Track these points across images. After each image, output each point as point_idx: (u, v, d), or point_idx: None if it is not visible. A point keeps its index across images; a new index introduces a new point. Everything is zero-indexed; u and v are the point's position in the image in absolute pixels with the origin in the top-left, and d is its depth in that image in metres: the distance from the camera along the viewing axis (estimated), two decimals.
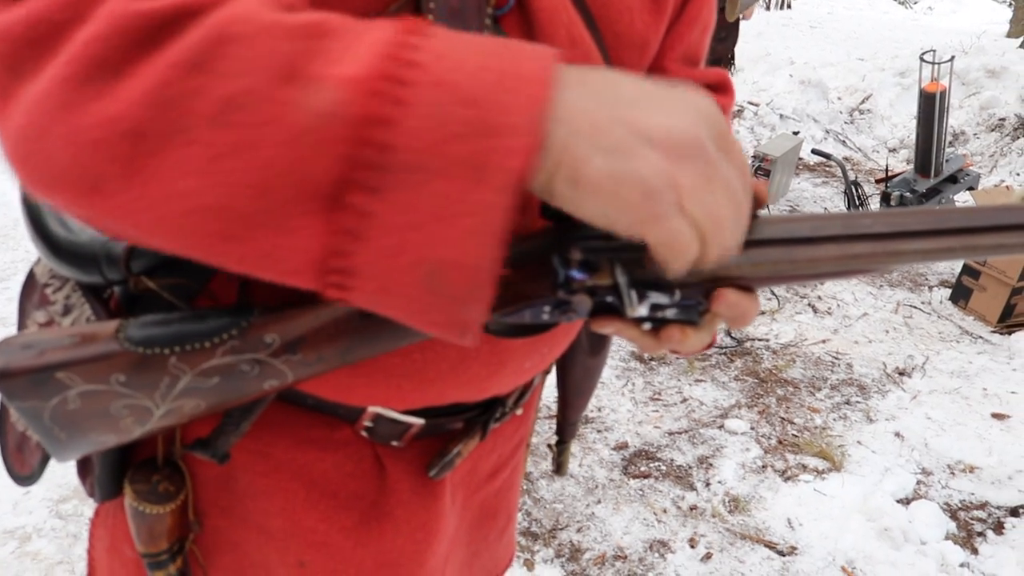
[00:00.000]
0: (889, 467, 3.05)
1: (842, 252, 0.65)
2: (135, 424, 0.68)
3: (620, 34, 0.81)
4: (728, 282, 0.66)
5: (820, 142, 6.60)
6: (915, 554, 2.63)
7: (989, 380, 3.68)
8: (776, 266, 0.65)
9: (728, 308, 0.66)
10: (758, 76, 7.58)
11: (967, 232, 0.64)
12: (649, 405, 3.36)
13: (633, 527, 2.71)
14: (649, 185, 0.53)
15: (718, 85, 0.98)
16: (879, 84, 7.30)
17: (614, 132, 0.54)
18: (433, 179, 0.50)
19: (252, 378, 0.67)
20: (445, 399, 0.86)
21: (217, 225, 0.51)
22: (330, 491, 0.89)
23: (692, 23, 0.91)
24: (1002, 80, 7.07)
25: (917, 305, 4.37)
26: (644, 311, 0.65)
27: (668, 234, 0.55)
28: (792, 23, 10.27)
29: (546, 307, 0.67)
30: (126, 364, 0.65)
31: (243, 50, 0.49)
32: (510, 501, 1.16)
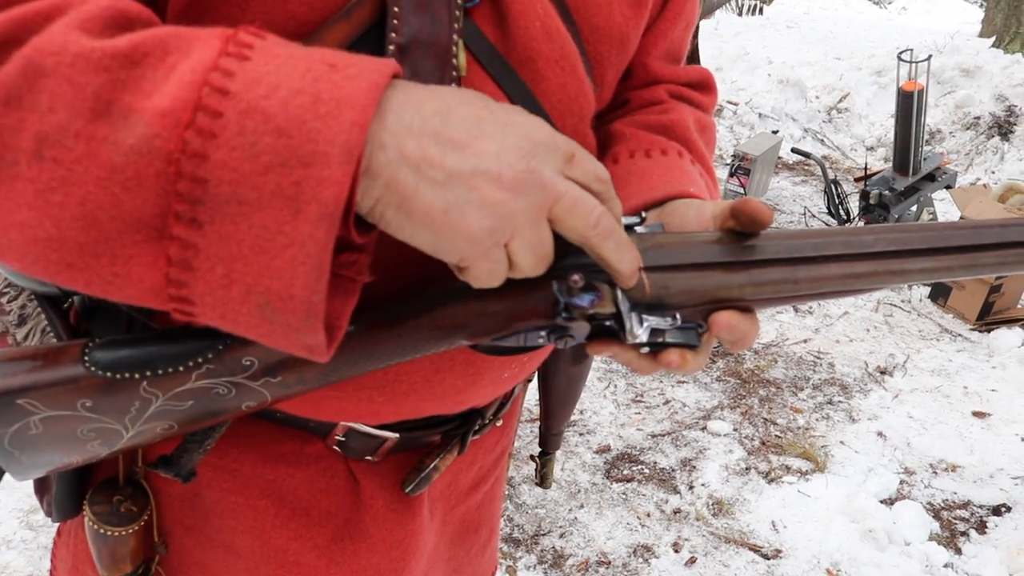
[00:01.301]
0: (872, 467, 3.03)
1: (844, 271, 0.64)
2: (102, 446, 0.64)
3: (598, 28, 0.78)
4: (729, 304, 0.64)
5: (799, 141, 6.61)
6: (899, 555, 2.62)
7: (969, 378, 3.69)
8: (778, 286, 0.64)
9: (729, 332, 0.64)
10: (736, 76, 7.58)
11: (970, 250, 0.63)
12: (631, 407, 3.33)
13: (616, 532, 2.68)
14: (483, 224, 0.53)
15: (701, 83, 0.95)
16: (856, 83, 7.32)
17: (447, 161, 0.53)
18: (251, 211, 0.49)
19: (228, 399, 0.63)
20: (420, 412, 0.82)
21: (57, 254, 0.51)
22: (301, 508, 0.85)
23: (675, 19, 0.89)
24: (976, 79, 7.12)
25: (897, 303, 4.37)
26: (644, 336, 0.63)
27: (488, 271, 0.56)
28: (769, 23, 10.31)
29: (542, 332, 0.65)
30: (93, 389, 0.61)
31: (54, 84, 0.49)
32: (492, 514, 1.13)
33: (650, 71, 0.91)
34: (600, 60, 0.80)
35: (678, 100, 0.92)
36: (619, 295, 0.62)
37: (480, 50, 0.70)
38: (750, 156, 5.11)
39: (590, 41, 0.78)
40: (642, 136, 0.86)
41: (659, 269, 0.64)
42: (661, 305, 0.63)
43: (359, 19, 0.64)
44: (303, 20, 0.63)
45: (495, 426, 1.00)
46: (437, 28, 0.66)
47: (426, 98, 0.54)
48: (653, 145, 0.84)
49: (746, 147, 5.26)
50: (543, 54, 0.73)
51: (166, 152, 0.48)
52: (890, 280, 0.64)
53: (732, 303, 0.64)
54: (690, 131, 0.88)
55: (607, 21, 0.78)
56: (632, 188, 0.79)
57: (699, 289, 0.64)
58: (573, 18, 0.76)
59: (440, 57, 0.66)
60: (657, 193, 0.78)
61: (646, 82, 0.92)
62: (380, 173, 0.52)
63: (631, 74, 0.91)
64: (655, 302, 0.63)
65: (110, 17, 0.52)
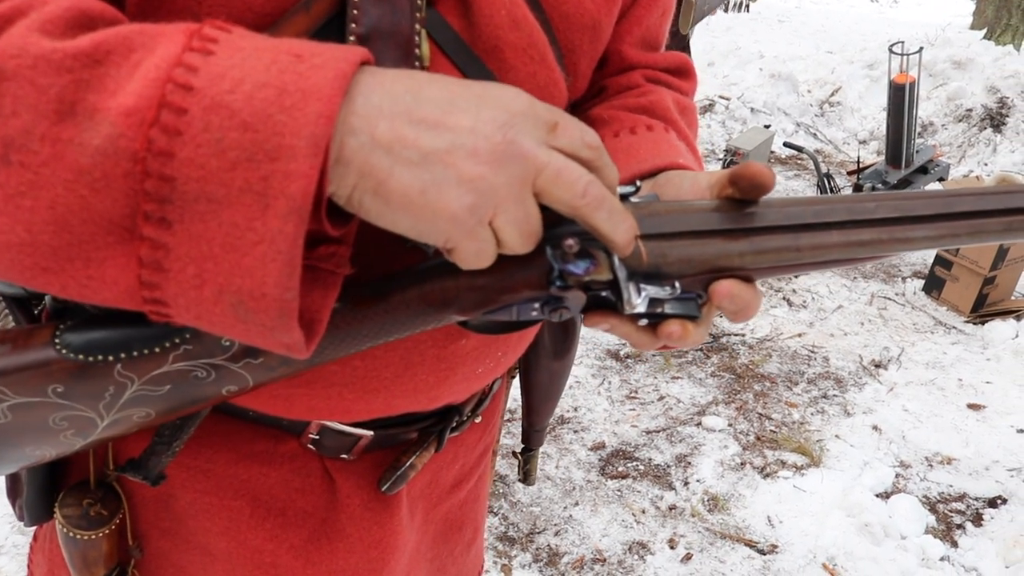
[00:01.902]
0: (868, 461, 3.02)
1: (848, 239, 0.62)
2: (76, 436, 0.62)
3: (568, 15, 0.76)
4: (729, 273, 0.62)
5: (791, 135, 6.61)
6: (896, 549, 2.61)
7: (964, 370, 3.68)
8: (781, 254, 0.62)
9: (730, 301, 0.62)
10: (728, 70, 7.57)
11: (975, 216, 0.62)
12: (626, 404, 3.31)
13: (611, 529, 2.67)
14: (463, 202, 0.51)
15: (679, 69, 0.94)
16: (848, 76, 7.32)
17: (421, 141, 0.51)
18: (221, 209, 0.48)
19: (208, 384, 0.61)
20: (394, 409, 0.80)
21: (31, 259, 0.50)
22: (277, 508, 0.84)
23: (651, 6, 0.87)
24: (968, 71, 7.12)
25: (891, 296, 4.36)
26: (642, 307, 0.61)
27: (476, 251, 0.54)
28: (761, 18, 10.30)
29: (535, 304, 0.62)
30: (64, 373, 0.58)
31: (16, 87, 0.48)
32: (477, 512, 1.11)
33: (625, 58, 0.89)
34: (572, 48, 0.78)
35: (655, 84, 0.90)
36: (616, 262, 0.60)
37: (444, 40, 0.69)
38: (742, 151, 5.10)
39: (560, 29, 0.76)
40: (624, 116, 0.84)
41: (656, 237, 0.61)
42: (659, 274, 0.61)
43: (318, 11, 0.63)
44: (261, 12, 0.62)
45: (475, 423, 0.98)
46: (398, 18, 0.64)
47: (396, 78, 0.52)
48: (637, 123, 0.82)
49: (738, 142, 5.25)
50: (510, 43, 0.71)
51: (132, 152, 0.47)
52: (894, 247, 0.62)
53: (733, 272, 0.62)
54: (671, 111, 0.86)
55: (577, 8, 0.77)
56: (620, 164, 0.77)
57: (699, 257, 0.61)
58: (542, 6, 0.74)
59: (402, 47, 0.65)
60: (646, 165, 0.76)
61: (621, 69, 0.90)
62: (352, 159, 0.50)
63: (606, 62, 0.90)
64: (653, 271, 0.61)
65: (72, 17, 0.51)
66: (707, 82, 7.26)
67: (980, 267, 4.03)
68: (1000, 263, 4.01)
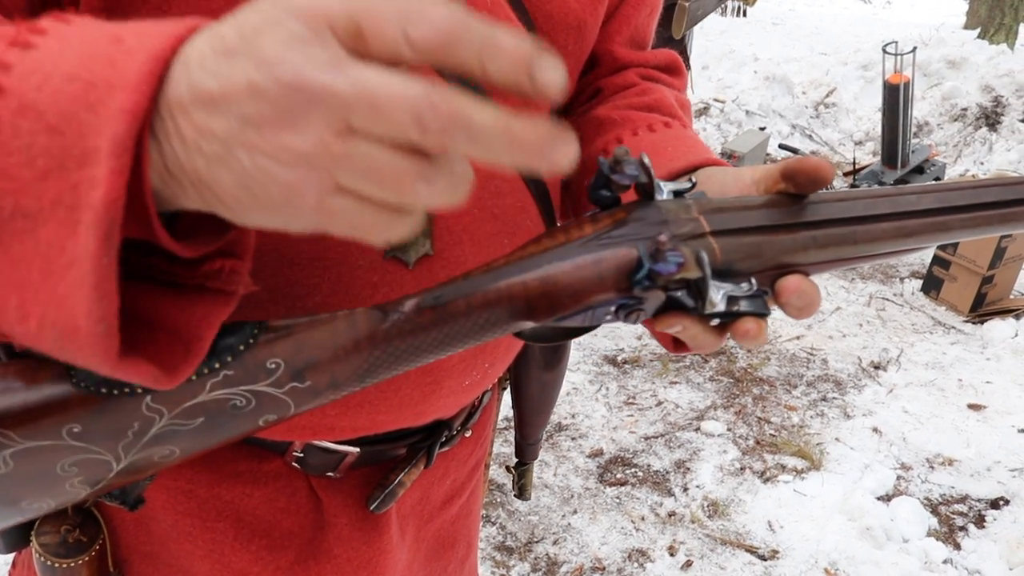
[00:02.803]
0: (868, 464, 3.00)
1: (897, 228, 0.64)
2: (84, 484, 0.54)
3: (552, 15, 0.75)
4: (793, 267, 0.62)
5: (787, 137, 6.60)
6: (898, 552, 2.58)
7: (964, 371, 3.66)
8: (840, 247, 0.63)
9: (798, 297, 0.61)
10: (723, 73, 7.57)
11: (1003, 205, 0.66)
12: (624, 410, 3.29)
13: (611, 537, 2.64)
14: (283, 180, 0.40)
15: (670, 66, 0.93)
16: (842, 78, 7.31)
17: (214, 126, 0.41)
18: (36, 226, 0.41)
19: (245, 414, 0.54)
20: (379, 426, 0.78)
21: None
22: (261, 529, 0.82)
23: (639, 5, 0.86)
24: (962, 71, 7.11)
25: (889, 297, 4.35)
26: (722, 305, 0.59)
27: (350, 224, 0.42)
28: (755, 20, 10.30)
29: (611, 307, 0.58)
30: (83, 410, 0.51)
31: None
32: (470, 528, 1.09)
33: (618, 58, 0.88)
34: (557, 50, 0.77)
35: (652, 82, 0.89)
36: (704, 258, 0.58)
37: None
38: (738, 154, 5.09)
39: (544, 31, 0.75)
40: (635, 116, 0.83)
41: (725, 233, 0.60)
42: (731, 271, 0.60)
43: None
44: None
45: (465, 437, 0.96)
46: None
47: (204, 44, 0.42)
48: (653, 121, 0.81)
49: (734, 145, 5.24)
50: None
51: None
52: (936, 236, 0.65)
53: (796, 267, 0.62)
54: (675, 108, 0.85)
55: (561, 8, 0.75)
56: (652, 160, 0.74)
57: (767, 253, 0.61)
58: (524, 7, 0.73)
59: None
60: (681, 162, 0.74)
61: (614, 69, 0.89)
62: (173, 165, 0.42)
63: (599, 63, 0.89)
64: (725, 268, 0.60)
65: None
66: (702, 85, 7.25)
67: (978, 266, 4.02)
68: (998, 262, 4.00)
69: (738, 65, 7.64)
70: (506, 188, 0.75)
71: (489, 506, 2.72)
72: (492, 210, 0.74)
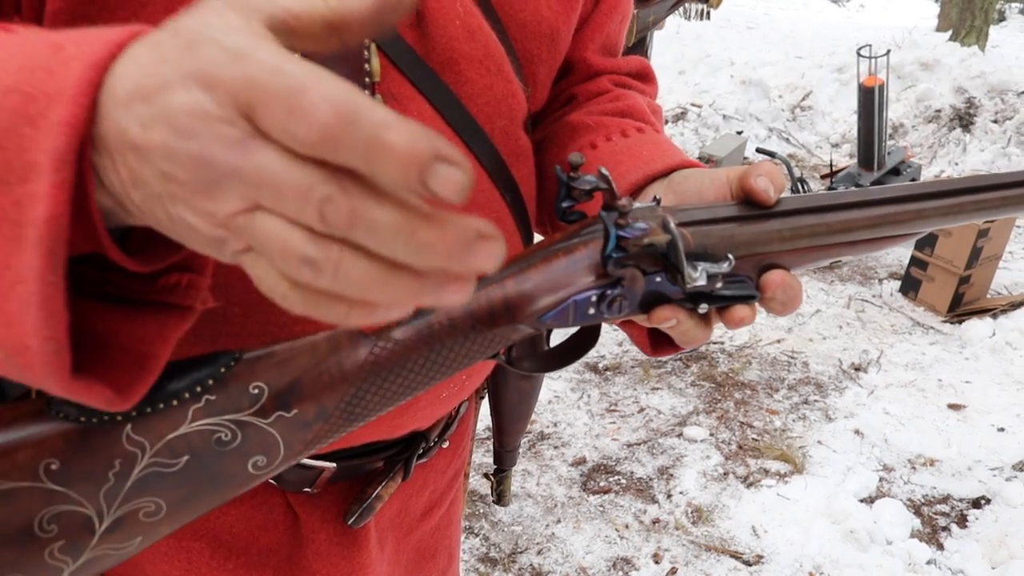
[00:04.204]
0: (851, 466, 3.00)
1: (870, 214, 0.65)
2: (67, 552, 0.49)
3: (525, 24, 0.74)
4: (770, 256, 0.64)
5: (764, 141, 6.63)
6: (882, 555, 2.59)
7: (943, 371, 3.68)
8: (814, 233, 0.64)
9: (783, 291, 0.63)
10: (699, 78, 7.60)
11: (973, 191, 0.67)
12: (606, 417, 3.28)
13: (595, 545, 2.63)
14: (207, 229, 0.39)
15: (640, 73, 0.93)
16: (818, 81, 7.37)
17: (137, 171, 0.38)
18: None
19: (232, 452, 0.51)
20: (356, 439, 0.77)
21: None
22: (238, 547, 0.80)
23: (611, 12, 0.86)
24: (935, 72, 7.18)
25: (868, 299, 4.37)
26: (702, 280, 0.60)
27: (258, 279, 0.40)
28: (730, 25, 10.37)
29: (592, 298, 0.59)
30: (61, 442, 0.48)
31: None
32: (450, 538, 1.07)
33: (591, 65, 0.88)
34: (530, 58, 0.76)
35: (624, 89, 0.90)
36: (670, 222, 0.59)
37: (396, 53, 0.66)
38: (715, 158, 5.10)
39: (518, 39, 0.74)
40: (608, 121, 0.83)
41: (695, 223, 0.62)
42: (707, 255, 0.61)
43: None
44: None
45: (443, 448, 0.95)
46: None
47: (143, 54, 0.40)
48: (626, 126, 0.81)
49: (711, 149, 5.26)
50: (465, 54, 0.69)
51: None
52: (912, 223, 0.66)
53: (775, 256, 0.63)
54: (647, 114, 0.85)
55: (534, 16, 0.75)
56: (626, 166, 0.75)
57: (740, 238, 0.62)
58: (497, 15, 0.72)
59: (350, 63, 0.62)
60: (657, 165, 0.74)
61: (588, 76, 0.90)
62: (113, 189, 0.41)
63: (572, 70, 0.89)
64: (701, 251, 0.61)
65: None
66: (679, 90, 7.28)
67: (955, 267, 4.05)
68: (975, 262, 4.03)
69: (714, 70, 7.68)
70: (481, 199, 0.74)
71: (472, 517, 2.70)
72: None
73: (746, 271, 0.63)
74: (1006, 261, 4.54)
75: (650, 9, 2.80)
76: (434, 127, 0.67)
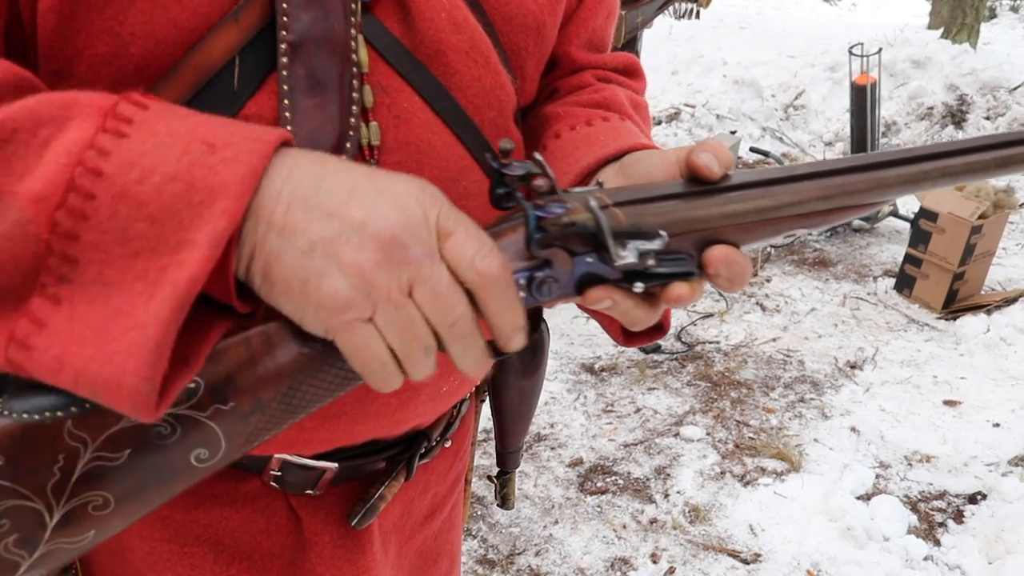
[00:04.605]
0: (847, 463, 3.01)
1: (822, 185, 0.63)
2: (21, 546, 0.52)
3: (511, 17, 0.75)
4: (714, 232, 0.62)
5: (757, 140, 6.64)
6: (879, 551, 2.59)
7: (938, 367, 3.69)
8: (759, 206, 0.63)
9: (727, 267, 0.62)
10: (692, 78, 7.61)
11: (936, 157, 0.65)
12: (602, 418, 3.29)
13: (593, 546, 2.63)
14: (340, 294, 0.51)
15: (627, 68, 0.94)
16: (811, 80, 7.38)
17: (311, 228, 0.51)
18: (112, 293, 0.48)
19: (173, 446, 0.54)
20: (356, 436, 0.77)
21: None
22: (241, 552, 0.80)
23: (596, 7, 0.87)
24: (927, 70, 7.20)
25: (863, 296, 4.38)
26: (631, 256, 0.60)
27: (356, 345, 0.53)
28: (722, 25, 10.39)
29: (521, 280, 0.60)
30: (7, 440, 0.50)
31: None
32: (452, 542, 1.08)
33: (575, 60, 0.89)
34: (517, 51, 0.77)
35: (605, 83, 0.90)
36: (592, 202, 0.59)
37: (384, 45, 0.68)
38: None
39: (504, 32, 0.75)
40: (579, 111, 0.83)
41: (630, 203, 0.61)
42: (641, 233, 0.61)
43: (248, 21, 0.61)
44: (187, 27, 0.60)
45: (445, 448, 0.95)
46: (331, 23, 0.63)
47: (305, 164, 0.53)
48: (593, 116, 0.81)
49: None
50: (452, 46, 0.70)
51: (39, 236, 0.47)
52: (870, 192, 0.64)
53: (717, 231, 0.62)
54: (625, 106, 0.85)
55: (520, 10, 0.76)
56: (580, 152, 0.76)
57: (678, 215, 0.62)
58: (483, 8, 0.73)
59: (338, 53, 0.64)
60: (610, 148, 0.74)
61: (572, 71, 0.90)
62: (246, 241, 0.51)
63: (556, 65, 0.90)
64: (634, 230, 0.60)
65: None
66: (672, 91, 7.29)
67: (949, 263, 4.06)
68: (968, 258, 4.04)
69: (707, 70, 7.69)
70: (473, 189, 0.75)
71: (469, 519, 2.71)
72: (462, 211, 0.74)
73: (687, 249, 0.62)
74: (999, 257, 4.55)
75: (638, 10, 2.81)
76: (424, 118, 0.69)
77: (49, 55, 0.59)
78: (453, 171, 0.72)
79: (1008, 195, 4.16)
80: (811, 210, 0.64)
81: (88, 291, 0.48)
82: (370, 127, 0.67)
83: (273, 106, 0.63)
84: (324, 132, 0.64)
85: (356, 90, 0.65)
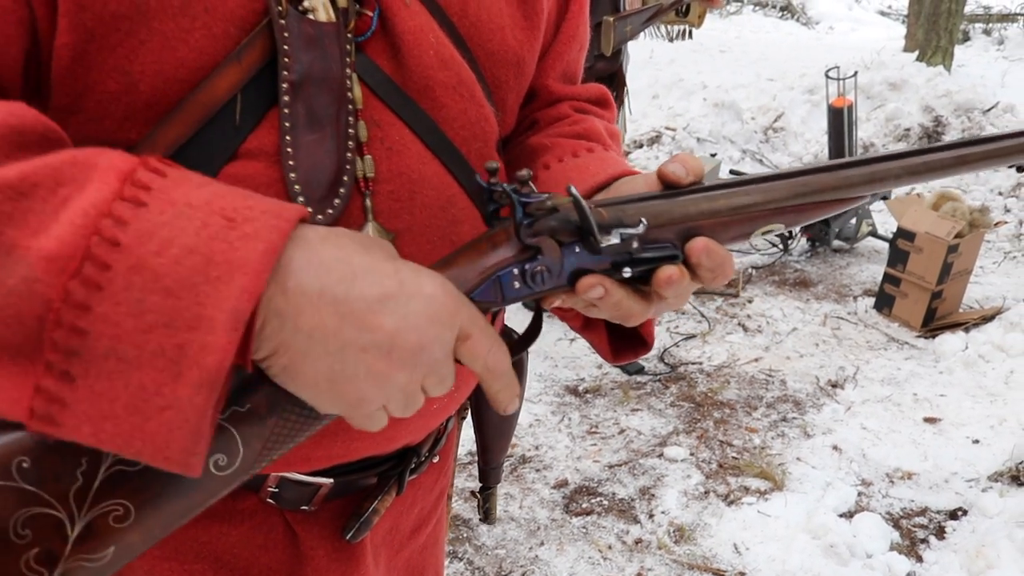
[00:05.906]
0: (830, 481, 3.04)
1: (794, 182, 0.68)
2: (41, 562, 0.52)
3: (493, 52, 0.79)
4: (690, 225, 0.67)
5: (738, 162, 6.72)
6: (862, 568, 2.61)
7: (918, 385, 3.73)
8: (734, 208, 0.67)
9: (708, 256, 0.66)
10: (673, 102, 7.69)
11: (901, 157, 0.70)
12: (587, 439, 3.30)
13: (579, 567, 2.64)
14: (364, 396, 0.56)
15: (600, 99, 0.99)
16: (790, 102, 7.47)
17: (343, 333, 0.54)
18: (130, 369, 0.48)
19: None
20: (353, 453, 0.80)
21: None
22: (240, 568, 0.82)
23: (569, 41, 0.92)
24: (903, 92, 7.32)
25: (844, 316, 4.42)
26: (615, 239, 0.65)
27: (361, 419, 0.60)
28: (703, 48, 10.51)
29: (515, 271, 0.65)
30: (32, 441, 0.52)
31: None
32: (436, 557, 1.10)
33: (552, 92, 0.93)
34: (499, 85, 0.81)
35: (582, 114, 0.95)
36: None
37: (376, 83, 0.71)
38: None
39: (487, 67, 0.79)
40: (564, 143, 0.88)
41: (610, 203, 0.67)
42: (622, 224, 0.65)
43: (250, 60, 0.64)
44: (194, 67, 0.63)
45: (432, 463, 0.98)
46: (328, 63, 0.66)
47: (331, 259, 0.54)
48: (578, 147, 0.86)
49: None
50: (440, 82, 0.74)
51: (47, 299, 0.47)
52: (837, 190, 0.69)
53: (696, 225, 0.67)
54: (604, 137, 0.90)
55: (501, 46, 0.79)
56: (572, 181, 0.80)
57: (656, 208, 0.67)
58: (467, 45, 0.77)
59: (334, 91, 0.67)
60: (600, 177, 0.79)
61: (549, 102, 0.95)
62: (272, 338, 0.52)
63: (535, 97, 0.94)
64: (615, 222, 0.65)
65: (4, 136, 0.50)
66: (652, 114, 7.37)
67: (927, 282, 4.11)
68: (946, 277, 4.09)
69: (687, 93, 7.78)
70: (462, 216, 0.78)
71: (455, 541, 2.71)
72: (451, 237, 0.77)
73: (669, 238, 0.67)
74: (976, 276, 4.61)
75: (626, 21, 2.85)
76: (415, 150, 0.73)
77: (60, 91, 0.61)
78: (443, 199, 0.76)
79: (983, 214, 4.23)
80: (782, 205, 0.69)
81: (101, 366, 0.47)
82: (365, 160, 0.70)
83: (274, 140, 0.66)
84: (323, 166, 0.67)
85: (352, 125, 0.69)
